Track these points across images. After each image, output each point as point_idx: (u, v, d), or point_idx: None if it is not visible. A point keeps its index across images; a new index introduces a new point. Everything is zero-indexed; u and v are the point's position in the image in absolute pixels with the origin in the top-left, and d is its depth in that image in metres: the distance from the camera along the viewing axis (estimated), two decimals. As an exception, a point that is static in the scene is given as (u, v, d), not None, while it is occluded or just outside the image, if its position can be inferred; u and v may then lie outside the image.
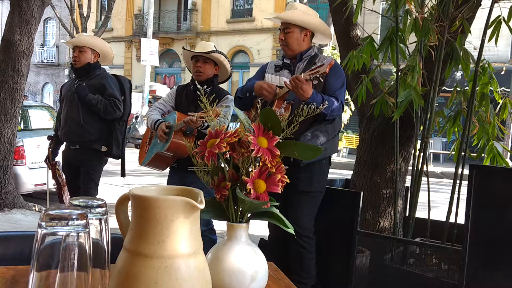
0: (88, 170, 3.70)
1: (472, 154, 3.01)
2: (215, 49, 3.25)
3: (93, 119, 3.64)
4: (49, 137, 4.04)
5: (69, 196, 3.95)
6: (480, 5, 2.88)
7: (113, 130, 3.70)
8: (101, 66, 3.84)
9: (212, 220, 3.34)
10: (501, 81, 3.09)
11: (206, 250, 0.84)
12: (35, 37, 5.41)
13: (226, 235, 1.01)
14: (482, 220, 2.45)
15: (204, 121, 2.92)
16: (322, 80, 2.65)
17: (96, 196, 3.39)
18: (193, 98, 3.25)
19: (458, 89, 3.03)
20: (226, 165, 1.00)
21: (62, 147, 3.94)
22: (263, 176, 0.97)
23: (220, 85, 3.44)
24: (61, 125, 3.78)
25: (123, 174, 3.98)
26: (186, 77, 23.16)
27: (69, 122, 3.70)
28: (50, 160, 4.05)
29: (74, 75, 3.82)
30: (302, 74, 2.59)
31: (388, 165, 3.27)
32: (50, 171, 4.14)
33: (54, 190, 4.23)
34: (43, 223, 0.74)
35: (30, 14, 5.14)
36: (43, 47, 29.00)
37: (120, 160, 3.88)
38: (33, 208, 5.42)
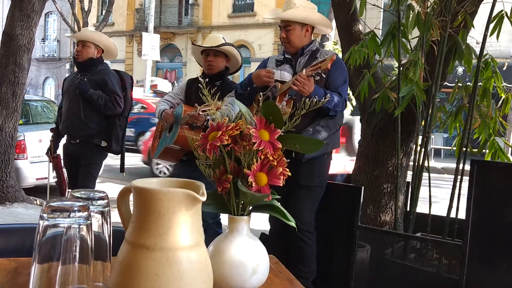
0: (87, 164, 3.71)
1: (473, 150, 3.01)
2: (224, 41, 3.25)
3: (93, 114, 3.64)
4: (51, 130, 4.05)
5: (69, 190, 3.95)
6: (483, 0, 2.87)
7: (113, 126, 3.71)
8: (105, 61, 3.84)
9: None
10: (503, 76, 3.07)
11: (210, 241, 0.84)
12: (36, 31, 5.40)
13: (227, 228, 1.02)
14: (483, 215, 2.45)
15: (207, 114, 2.92)
16: (324, 76, 2.64)
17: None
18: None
19: (459, 84, 3.03)
20: (227, 158, 1.00)
21: (63, 140, 3.95)
22: (265, 169, 0.97)
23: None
24: (62, 119, 3.79)
25: (122, 169, 3.99)
26: (187, 72, 23.12)
27: (70, 117, 3.71)
28: (52, 153, 4.06)
29: (76, 69, 3.84)
30: (304, 70, 2.58)
31: (389, 160, 3.27)
32: (51, 164, 4.14)
33: (55, 184, 4.24)
34: (45, 215, 0.74)
35: (31, 8, 5.13)
36: (44, 41, 28.96)
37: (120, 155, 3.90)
38: (35, 202, 5.44)
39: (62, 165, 4.08)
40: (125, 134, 3.85)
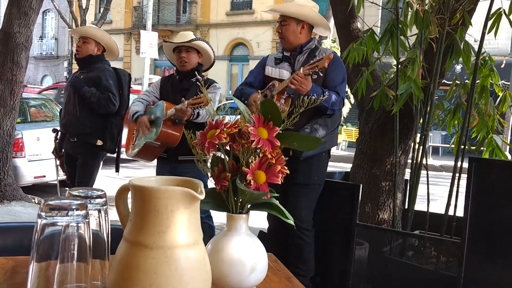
0: (81, 164, 3.70)
1: (472, 148, 3.01)
2: (195, 37, 3.27)
3: (89, 113, 3.61)
4: (54, 130, 4.04)
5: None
6: (481, -3, 2.87)
7: (109, 124, 3.67)
8: (106, 59, 3.82)
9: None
10: (501, 74, 3.08)
11: (205, 236, 0.84)
12: (34, 29, 5.38)
13: (226, 226, 1.01)
14: (481, 213, 2.45)
15: (194, 108, 2.93)
16: (321, 75, 2.64)
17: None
18: (179, 88, 3.26)
19: (457, 82, 3.03)
20: (226, 156, 1.00)
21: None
22: (263, 167, 0.96)
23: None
24: (61, 117, 3.79)
25: (117, 169, 3.96)
26: (186, 70, 23.06)
27: (67, 114, 3.70)
28: (57, 152, 4.04)
29: (78, 66, 3.82)
30: (301, 69, 2.58)
31: (388, 158, 3.27)
32: (58, 162, 4.12)
33: (66, 181, 4.22)
34: (43, 213, 0.74)
35: (28, 5, 5.11)
36: (42, 39, 28.90)
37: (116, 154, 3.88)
38: (33, 200, 5.43)
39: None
40: (122, 133, 3.82)
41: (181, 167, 3.12)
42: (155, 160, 3.44)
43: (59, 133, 3.97)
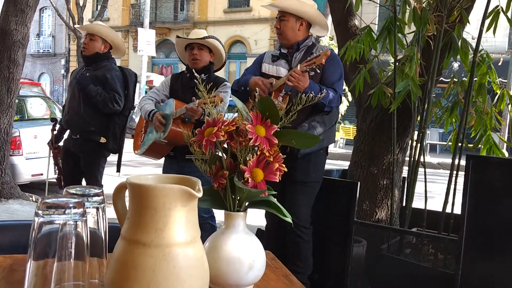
0: (86, 164, 3.68)
1: (469, 145, 3.02)
2: (208, 35, 3.26)
3: (93, 111, 3.59)
4: (52, 119, 4.00)
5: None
6: (479, -5, 2.87)
7: (112, 124, 3.64)
8: (112, 57, 3.79)
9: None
10: (498, 72, 3.08)
11: (207, 237, 0.84)
12: (31, 26, 5.36)
13: (223, 224, 1.01)
14: (479, 210, 2.46)
15: (205, 108, 2.92)
16: (318, 71, 2.64)
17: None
18: (190, 86, 3.24)
19: (455, 79, 3.03)
20: (223, 154, 0.99)
21: (67, 134, 3.91)
22: (261, 165, 0.96)
23: (217, 74, 3.44)
24: (64, 113, 3.77)
25: (118, 169, 3.94)
26: (183, 67, 23.03)
27: (70, 111, 3.68)
28: (53, 144, 4.01)
29: (83, 63, 3.79)
30: (299, 65, 2.58)
31: (385, 156, 3.28)
32: (51, 155, 4.10)
33: (55, 180, 4.21)
34: (40, 212, 0.74)
35: (25, 3, 5.10)
36: (39, 37, 28.81)
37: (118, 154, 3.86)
38: (30, 198, 5.42)
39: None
40: (125, 133, 3.79)
41: (188, 166, 3.11)
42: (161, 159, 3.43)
43: (58, 125, 3.94)
